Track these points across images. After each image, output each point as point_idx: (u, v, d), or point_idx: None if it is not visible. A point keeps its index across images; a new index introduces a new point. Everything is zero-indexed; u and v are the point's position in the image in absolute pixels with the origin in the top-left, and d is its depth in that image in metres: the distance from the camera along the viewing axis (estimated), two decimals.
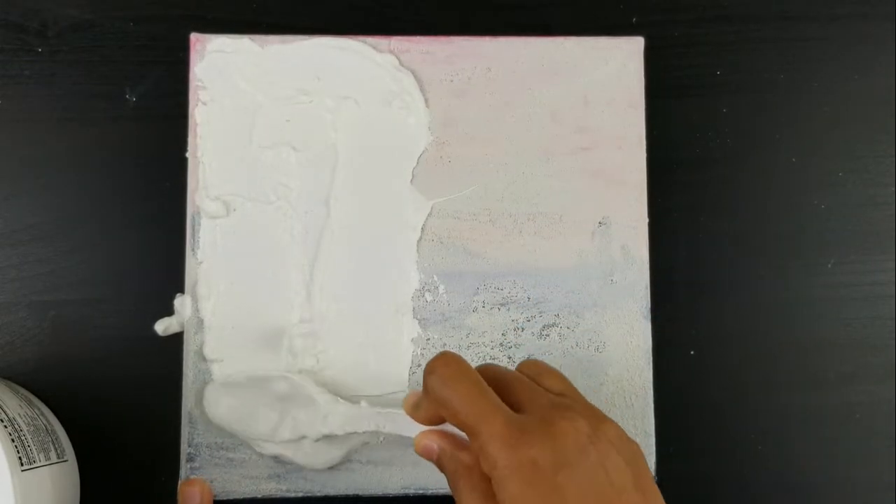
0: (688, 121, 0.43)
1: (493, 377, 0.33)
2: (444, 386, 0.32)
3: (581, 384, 0.41)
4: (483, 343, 0.41)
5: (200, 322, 0.41)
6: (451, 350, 0.33)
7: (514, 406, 0.32)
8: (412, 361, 0.41)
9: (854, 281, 0.43)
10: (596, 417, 0.32)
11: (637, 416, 0.41)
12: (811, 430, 0.42)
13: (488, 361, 0.36)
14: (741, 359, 0.42)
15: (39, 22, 0.42)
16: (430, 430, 0.34)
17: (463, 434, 0.32)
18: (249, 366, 0.40)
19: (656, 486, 0.31)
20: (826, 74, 0.44)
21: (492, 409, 0.31)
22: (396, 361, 0.41)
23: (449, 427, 0.34)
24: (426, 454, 0.34)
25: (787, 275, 0.43)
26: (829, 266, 0.43)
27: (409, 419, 0.35)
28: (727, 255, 0.43)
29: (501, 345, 0.41)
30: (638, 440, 0.41)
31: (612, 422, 0.32)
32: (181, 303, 0.41)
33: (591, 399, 0.40)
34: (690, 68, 0.44)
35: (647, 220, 0.42)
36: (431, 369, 0.32)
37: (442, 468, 0.34)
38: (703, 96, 0.44)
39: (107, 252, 0.41)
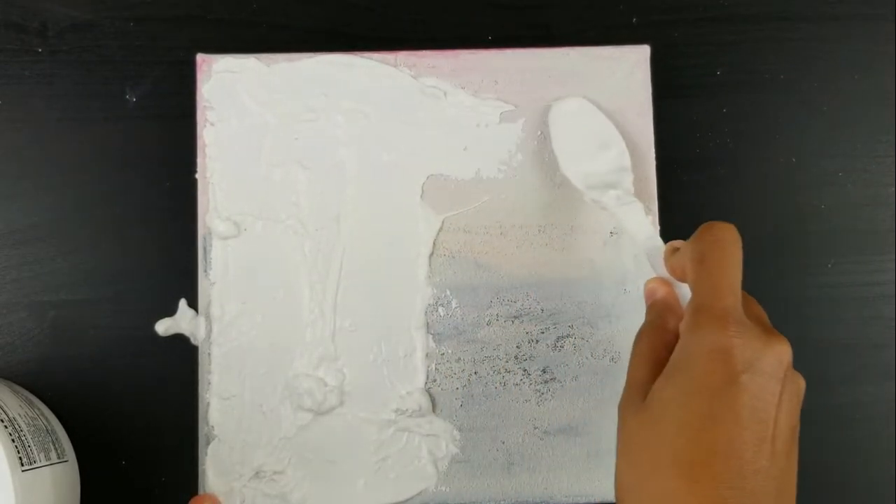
0: (688, 121, 0.43)
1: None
2: (716, 248, 0.32)
3: (597, 395, 0.41)
4: (498, 356, 0.41)
5: (214, 343, 0.40)
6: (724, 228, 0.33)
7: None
8: (427, 376, 0.41)
9: (854, 281, 0.43)
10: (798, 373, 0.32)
11: None
12: (811, 430, 0.42)
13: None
14: None
15: (39, 22, 0.42)
16: (664, 280, 0.36)
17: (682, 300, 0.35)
18: (262, 391, 0.40)
19: (795, 455, 0.31)
20: (826, 74, 0.44)
21: (733, 292, 0.31)
22: (411, 376, 0.41)
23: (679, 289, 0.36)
24: (649, 295, 0.37)
25: (787, 275, 0.43)
26: (829, 266, 0.43)
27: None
28: None
29: (516, 357, 0.41)
30: None
31: (804, 380, 0.32)
32: (190, 318, 0.41)
33: (610, 409, 0.40)
34: (691, 68, 0.44)
35: (658, 229, 0.42)
36: (714, 229, 0.32)
37: (647, 313, 0.36)
38: (703, 96, 0.43)
39: (107, 252, 0.41)
